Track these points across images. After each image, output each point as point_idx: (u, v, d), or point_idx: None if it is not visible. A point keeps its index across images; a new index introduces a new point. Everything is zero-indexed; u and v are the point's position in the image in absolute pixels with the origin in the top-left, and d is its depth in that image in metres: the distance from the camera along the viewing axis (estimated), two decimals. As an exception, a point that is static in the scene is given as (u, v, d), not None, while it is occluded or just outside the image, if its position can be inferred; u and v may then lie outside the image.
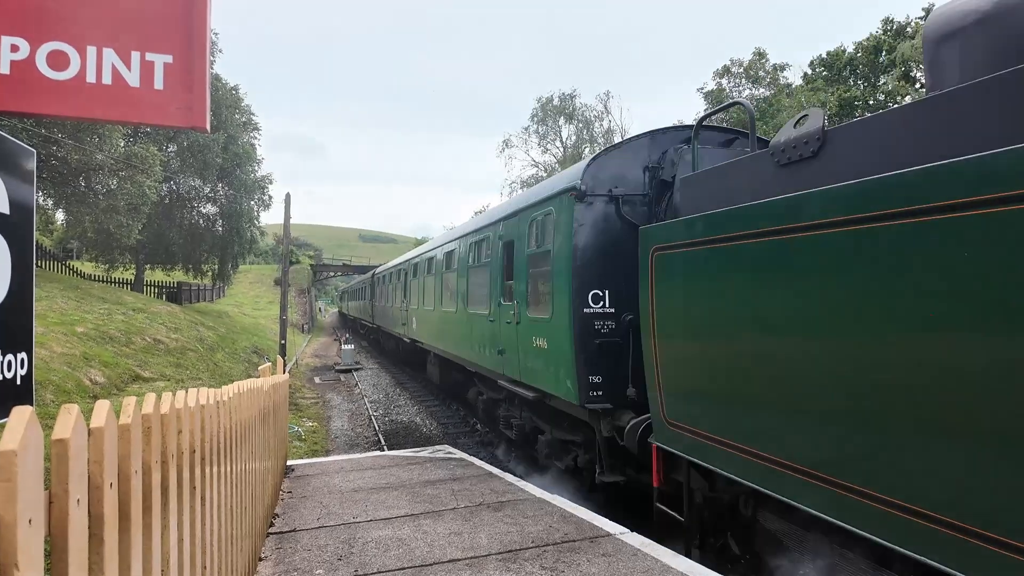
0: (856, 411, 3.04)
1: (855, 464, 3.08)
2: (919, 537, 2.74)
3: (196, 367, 16.05)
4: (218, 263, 35.22)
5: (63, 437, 1.31)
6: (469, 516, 5.34)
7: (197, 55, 2.80)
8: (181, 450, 2.28)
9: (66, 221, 25.31)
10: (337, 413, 17.28)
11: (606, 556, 4.32)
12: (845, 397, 3.11)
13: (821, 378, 3.25)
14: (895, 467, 2.86)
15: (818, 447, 3.31)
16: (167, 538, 2.07)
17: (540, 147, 53.16)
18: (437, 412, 16.39)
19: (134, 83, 2.72)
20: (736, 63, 39.44)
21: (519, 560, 4.29)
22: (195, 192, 32.03)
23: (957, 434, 2.61)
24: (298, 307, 55.03)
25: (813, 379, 3.31)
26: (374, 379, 23.97)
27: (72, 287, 19.66)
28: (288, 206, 22.65)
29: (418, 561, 4.33)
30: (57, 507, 1.29)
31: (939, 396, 2.66)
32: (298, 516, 5.50)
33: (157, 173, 22.98)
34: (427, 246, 15.82)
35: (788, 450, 3.48)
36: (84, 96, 2.65)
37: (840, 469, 3.16)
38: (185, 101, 2.76)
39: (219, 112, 29.86)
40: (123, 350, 13.84)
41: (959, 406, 2.59)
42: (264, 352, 23.92)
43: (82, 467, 1.41)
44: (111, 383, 11.39)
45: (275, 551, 4.61)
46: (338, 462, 8.24)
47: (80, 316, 14.97)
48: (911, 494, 2.79)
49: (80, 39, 2.67)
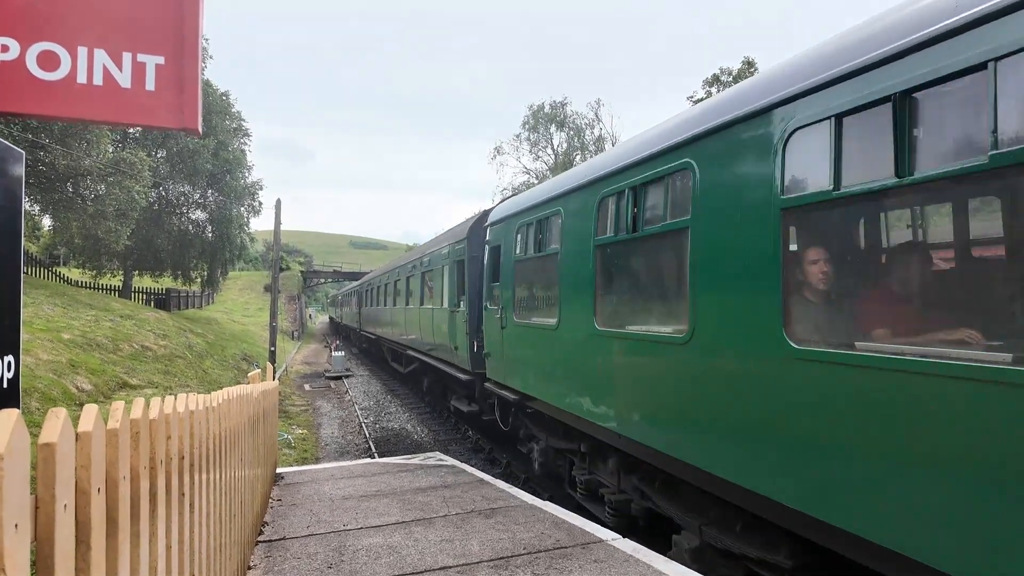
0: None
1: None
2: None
3: (185, 374, 15.91)
4: (207, 269, 34.95)
5: (50, 441, 1.29)
6: (460, 523, 5.31)
7: (189, 56, 2.78)
8: (170, 456, 2.25)
9: (53, 227, 25.07)
10: (327, 420, 17.17)
11: (598, 562, 4.31)
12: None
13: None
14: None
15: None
16: (155, 545, 2.04)
17: (531, 154, 53.41)
18: (428, 419, 16.32)
19: (125, 84, 2.70)
20: (725, 72, 39.80)
21: (511, 567, 4.27)
22: (184, 198, 31.84)
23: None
24: (288, 314, 54.73)
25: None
26: (365, 386, 23.84)
27: (59, 293, 19.45)
28: (278, 212, 22.57)
29: (409, 569, 4.29)
30: (44, 512, 1.27)
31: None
32: (288, 524, 5.44)
33: (146, 179, 22.84)
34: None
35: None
36: (75, 97, 2.63)
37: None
38: (176, 103, 2.74)
39: (209, 118, 29.75)
40: (110, 357, 13.70)
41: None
42: (253, 359, 23.75)
43: (69, 472, 1.38)
44: (98, 390, 11.26)
45: (264, 559, 4.56)
46: (328, 469, 8.17)
47: (67, 323, 14.81)
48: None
49: (71, 39, 2.65)
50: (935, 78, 2.81)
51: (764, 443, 3.82)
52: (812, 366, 3.43)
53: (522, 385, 8.05)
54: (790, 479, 3.59)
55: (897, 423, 2.93)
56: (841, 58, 3.36)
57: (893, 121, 2.95)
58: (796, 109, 3.63)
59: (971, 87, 2.72)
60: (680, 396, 4.79)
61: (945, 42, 2.79)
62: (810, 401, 3.45)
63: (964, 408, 2.62)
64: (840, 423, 3.25)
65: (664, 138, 5.01)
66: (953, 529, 2.68)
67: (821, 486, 3.38)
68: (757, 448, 3.88)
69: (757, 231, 3.87)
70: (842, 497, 3.25)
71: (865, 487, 3.11)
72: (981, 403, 2.56)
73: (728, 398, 4.18)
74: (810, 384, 3.45)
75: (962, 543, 2.65)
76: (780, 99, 3.75)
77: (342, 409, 18.94)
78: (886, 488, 2.99)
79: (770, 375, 3.73)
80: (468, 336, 10.76)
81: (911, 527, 2.85)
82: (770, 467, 3.76)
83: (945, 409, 2.70)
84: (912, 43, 2.94)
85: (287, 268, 61.12)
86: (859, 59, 3.21)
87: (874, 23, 3.34)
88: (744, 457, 4.00)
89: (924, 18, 2.93)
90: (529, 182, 50.22)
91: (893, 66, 3.03)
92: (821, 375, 3.37)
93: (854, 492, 3.18)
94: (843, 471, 3.24)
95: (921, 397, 2.81)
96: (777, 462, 3.70)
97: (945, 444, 2.71)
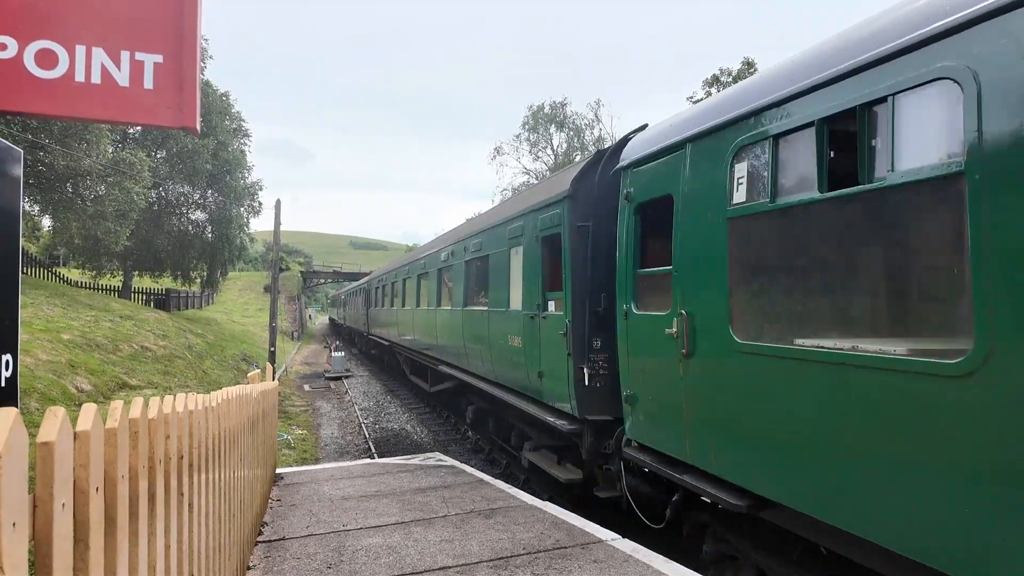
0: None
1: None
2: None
3: (184, 374, 15.90)
4: (207, 270, 34.94)
5: (49, 440, 1.28)
6: (460, 523, 5.31)
7: (187, 55, 2.77)
8: (169, 456, 2.25)
9: (53, 227, 25.07)
10: (327, 421, 17.16)
11: (597, 562, 4.31)
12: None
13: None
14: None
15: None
16: (154, 545, 2.04)
17: (531, 154, 53.44)
18: (428, 419, 16.31)
19: (123, 83, 2.70)
20: (725, 72, 39.82)
21: (510, 567, 4.26)
22: (184, 198, 31.84)
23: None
24: (288, 314, 54.72)
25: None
26: (364, 386, 23.83)
27: (58, 294, 19.44)
28: (278, 212, 22.57)
29: (408, 569, 4.29)
30: (42, 511, 1.27)
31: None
32: (287, 524, 5.44)
33: (146, 179, 22.83)
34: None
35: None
36: (73, 95, 2.63)
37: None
38: (175, 101, 2.73)
39: (209, 118, 29.75)
40: (110, 357, 13.69)
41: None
42: (253, 359, 23.74)
43: (68, 471, 1.38)
44: (97, 391, 11.25)
45: (264, 560, 4.55)
46: (328, 470, 8.17)
47: (66, 323, 14.80)
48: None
49: (69, 38, 2.65)
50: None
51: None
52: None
53: (741, 474, 4.16)
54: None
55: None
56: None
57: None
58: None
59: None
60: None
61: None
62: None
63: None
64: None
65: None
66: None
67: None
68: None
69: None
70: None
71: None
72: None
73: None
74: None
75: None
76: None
77: (342, 410, 18.93)
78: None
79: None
80: (570, 359, 6.67)
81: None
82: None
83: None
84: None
85: (287, 268, 61.13)
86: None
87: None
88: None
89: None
90: (529, 182, 50.21)
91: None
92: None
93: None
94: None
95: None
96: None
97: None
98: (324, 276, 73.74)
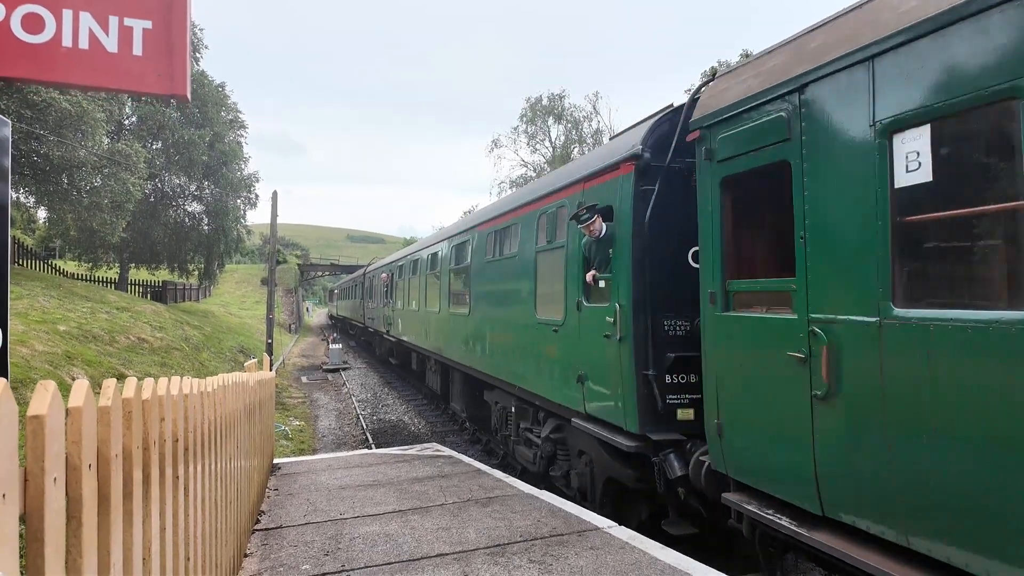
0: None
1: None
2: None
3: (181, 366, 15.87)
4: (204, 262, 34.87)
5: (39, 413, 1.27)
6: (457, 512, 5.31)
7: (177, 21, 2.72)
8: (163, 438, 2.24)
9: (48, 219, 24.97)
10: (324, 412, 17.16)
11: (594, 549, 4.32)
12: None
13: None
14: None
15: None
16: (149, 527, 2.03)
17: (529, 147, 53.20)
18: (425, 411, 16.32)
19: (112, 48, 2.64)
20: (723, 65, 39.71)
21: (507, 554, 4.27)
22: (180, 190, 31.73)
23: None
24: (285, 307, 54.64)
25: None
26: (362, 378, 23.84)
27: (54, 286, 19.37)
28: (275, 204, 22.50)
29: (405, 556, 4.29)
30: (33, 485, 1.26)
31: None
32: (284, 513, 5.44)
33: (142, 170, 22.72)
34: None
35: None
36: (60, 60, 2.58)
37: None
38: (165, 68, 2.68)
39: (205, 109, 29.62)
40: (106, 349, 13.66)
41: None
42: (250, 351, 23.71)
43: (59, 445, 1.37)
44: (94, 382, 11.22)
45: (261, 547, 4.56)
46: (325, 460, 8.17)
47: (63, 315, 14.75)
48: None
49: (56, 2, 2.60)
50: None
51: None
52: None
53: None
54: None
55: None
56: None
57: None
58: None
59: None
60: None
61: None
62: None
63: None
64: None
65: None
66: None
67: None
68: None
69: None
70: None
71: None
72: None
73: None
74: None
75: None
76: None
77: (339, 401, 18.93)
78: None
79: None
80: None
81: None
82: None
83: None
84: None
85: (284, 261, 60.98)
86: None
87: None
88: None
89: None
90: (527, 175, 50.06)
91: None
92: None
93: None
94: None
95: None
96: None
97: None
98: (322, 269, 73.54)
